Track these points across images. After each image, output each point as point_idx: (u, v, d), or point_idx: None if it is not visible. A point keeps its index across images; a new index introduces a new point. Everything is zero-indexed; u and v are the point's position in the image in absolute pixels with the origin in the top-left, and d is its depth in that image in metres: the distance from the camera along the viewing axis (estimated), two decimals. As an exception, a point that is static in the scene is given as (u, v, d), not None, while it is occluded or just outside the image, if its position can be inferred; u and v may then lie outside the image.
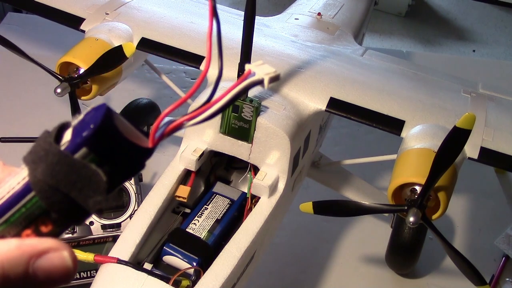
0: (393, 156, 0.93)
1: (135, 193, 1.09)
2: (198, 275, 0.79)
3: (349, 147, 1.55)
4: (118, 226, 1.07)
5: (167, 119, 0.33)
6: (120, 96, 1.45)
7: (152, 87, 1.69)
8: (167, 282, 0.74)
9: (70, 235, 1.04)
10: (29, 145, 1.25)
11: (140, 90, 1.63)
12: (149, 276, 0.73)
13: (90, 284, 0.95)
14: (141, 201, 1.03)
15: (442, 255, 1.21)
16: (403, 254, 1.11)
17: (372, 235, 1.28)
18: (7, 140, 1.16)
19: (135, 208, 1.07)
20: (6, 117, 1.49)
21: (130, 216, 1.07)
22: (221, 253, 0.80)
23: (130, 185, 1.09)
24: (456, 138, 0.70)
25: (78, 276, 1.03)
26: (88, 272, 1.04)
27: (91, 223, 1.06)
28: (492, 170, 1.47)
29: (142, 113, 1.32)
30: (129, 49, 0.92)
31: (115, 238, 1.06)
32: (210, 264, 0.79)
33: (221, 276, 0.76)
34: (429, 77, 1.07)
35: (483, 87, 1.06)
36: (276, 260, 1.18)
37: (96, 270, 0.96)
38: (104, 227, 1.07)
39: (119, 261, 0.74)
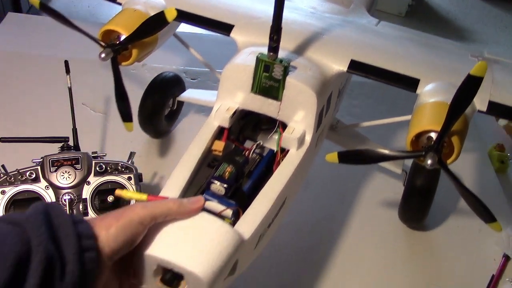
0: (408, 117, 1.02)
1: (135, 193, 1.12)
2: (237, 215, 0.87)
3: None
4: None
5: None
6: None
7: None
8: None
9: None
10: (29, 145, 1.21)
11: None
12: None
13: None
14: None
15: (442, 255, 1.25)
16: (416, 204, 1.21)
17: (372, 235, 1.30)
18: (7, 140, 1.15)
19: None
20: (6, 117, 1.49)
21: None
22: (258, 195, 0.88)
23: (130, 185, 1.10)
24: (470, 85, 0.79)
25: None
26: None
27: None
28: (492, 170, 1.50)
29: (169, 85, 1.41)
30: (171, 14, 1.00)
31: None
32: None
33: (260, 213, 0.85)
34: (439, 44, 1.17)
35: (489, 53, 1.15)
36: (276, 260, 1.20)
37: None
38: None
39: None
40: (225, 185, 0.89)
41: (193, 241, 0.77)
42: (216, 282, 0.77)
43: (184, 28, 1.31)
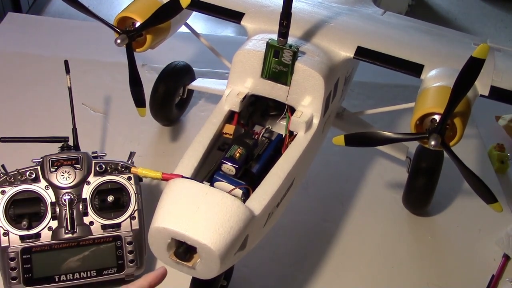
0: (412, 104, 1.05)
1: (135, 193, 1.09)
2: (247, 195, 0.91)
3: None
4: (118, 226, 1.07)
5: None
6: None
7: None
8: None
9: (70, 235, 1.05)
10: (29, 145, 1.22)
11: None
12: (212, 187, 0.85)
13: (90, 284, 1.04)
14: (141, 201, 1.10)
15: (442, 255, 1.26)
16: (420, 187, 1.24)
17: (371, 236, 1.30)
18: (7, 140, 1.15)
19: (135, 208, 1.09)
20: (6, 117, 1.49)
21: (130, 216, 1.08)
22: (267, 175, 0.92)
23: (130, 185, 1.10)
24: (472, 67, 0.82)
25: (78, 276, 1.05)
26: (88, 272, 1.06)
27: (91, 223, 1.06)
28: (492, 170, 1.51)
29: (179, 74, 1.45)
30: (185, 0, 1.04)
31: (115, 238, 1.07)
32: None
33: (270, 191, 0.88)
34: (443, 33, 1.20)
35: (491, 42, 1.19)
36: (276, 260, 1.20)
37: (96, 271, 1.05)
38: (104, 227, 1.07)
39: (184, 177, 0.86)
40: (235, 166, 0.93)
41: (206, 216, 0.81)
42: (227, 255, 0.81)
43: (185, 28, 1.34)
